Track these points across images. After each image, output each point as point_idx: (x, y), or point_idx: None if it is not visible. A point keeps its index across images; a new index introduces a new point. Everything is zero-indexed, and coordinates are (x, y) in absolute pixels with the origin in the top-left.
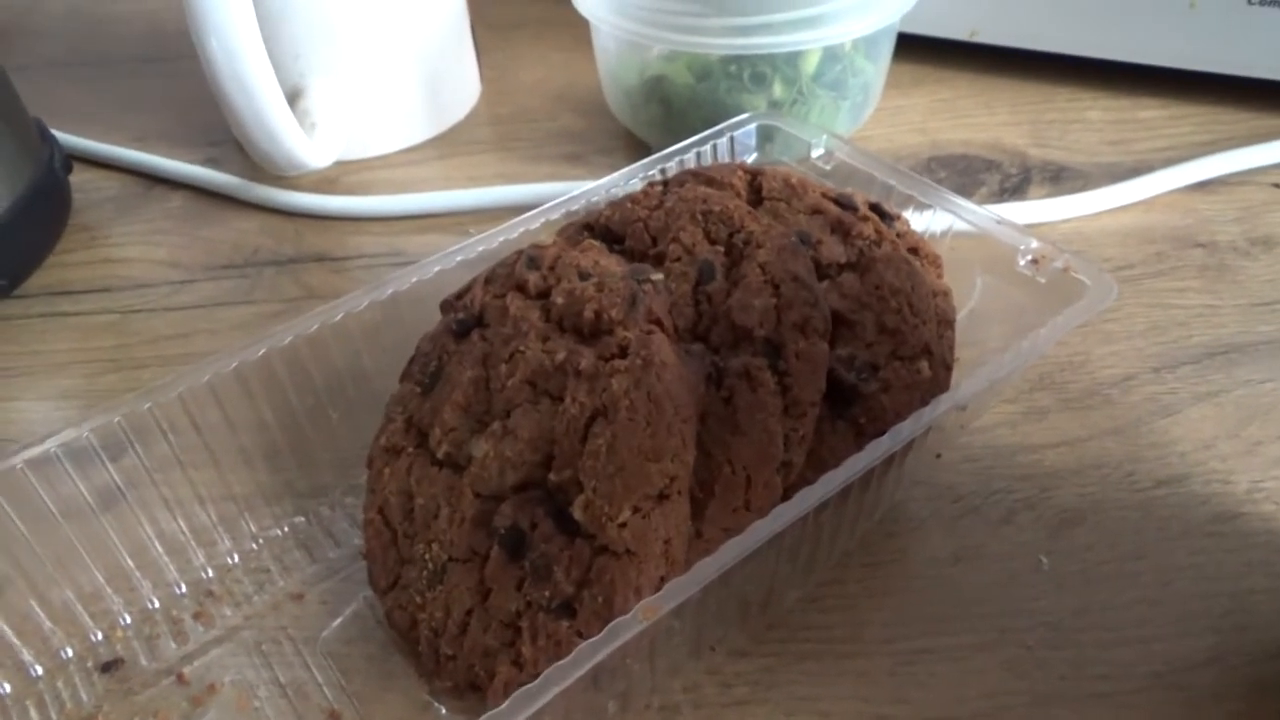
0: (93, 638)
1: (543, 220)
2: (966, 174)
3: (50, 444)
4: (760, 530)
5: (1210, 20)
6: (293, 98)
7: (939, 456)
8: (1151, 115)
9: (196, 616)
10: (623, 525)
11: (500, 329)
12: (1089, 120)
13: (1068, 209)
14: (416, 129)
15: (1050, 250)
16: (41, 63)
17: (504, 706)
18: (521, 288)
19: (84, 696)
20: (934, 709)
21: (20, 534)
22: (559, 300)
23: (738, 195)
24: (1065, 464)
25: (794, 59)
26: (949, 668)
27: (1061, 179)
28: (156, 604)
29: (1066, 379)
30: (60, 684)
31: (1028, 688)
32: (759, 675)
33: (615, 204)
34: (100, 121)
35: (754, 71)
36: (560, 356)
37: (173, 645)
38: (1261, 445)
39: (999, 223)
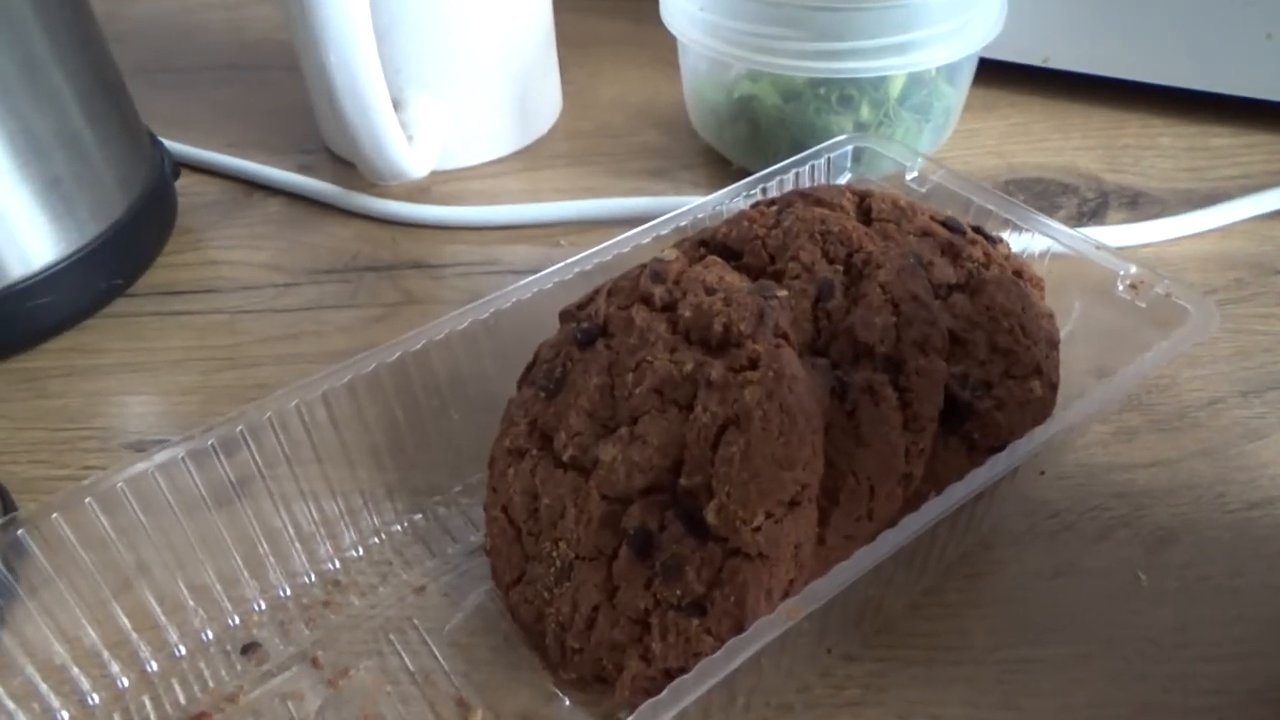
0: (231, 622)
1: (653, 236)
2: (1044, 197)
3: (208, 437)
4: (890, 539)
5: None
6: (393, 110)
7: (1043, 473)
8: (1223, 143)
9: (326, 604)
10: (756, 529)
11: (626, 339)
12: (1161, 146)
13: (1148, 234)
14: (503, 142)
15: (1150, 275)
16: (128, 69)
17: (664, 695)
18: (646, 300)
19: (225, 676)
20: (1042, 717)
21: (171, 519)
22: (686, 313)
23: (849, 216)
24: (1158, 484)
25: (881, 83)
26: (1054, 677)
27: (1138, 204)
28: (288, 591)
29: (1154, 401)
30: (202, 664)
31: (1130, 699)
32: (870, 679)
33: (731, 221)
34: (194, 128)
35: (842, 94)
36: (689, 367)
37: (305, 631)
38: None
39: (1098, 248)
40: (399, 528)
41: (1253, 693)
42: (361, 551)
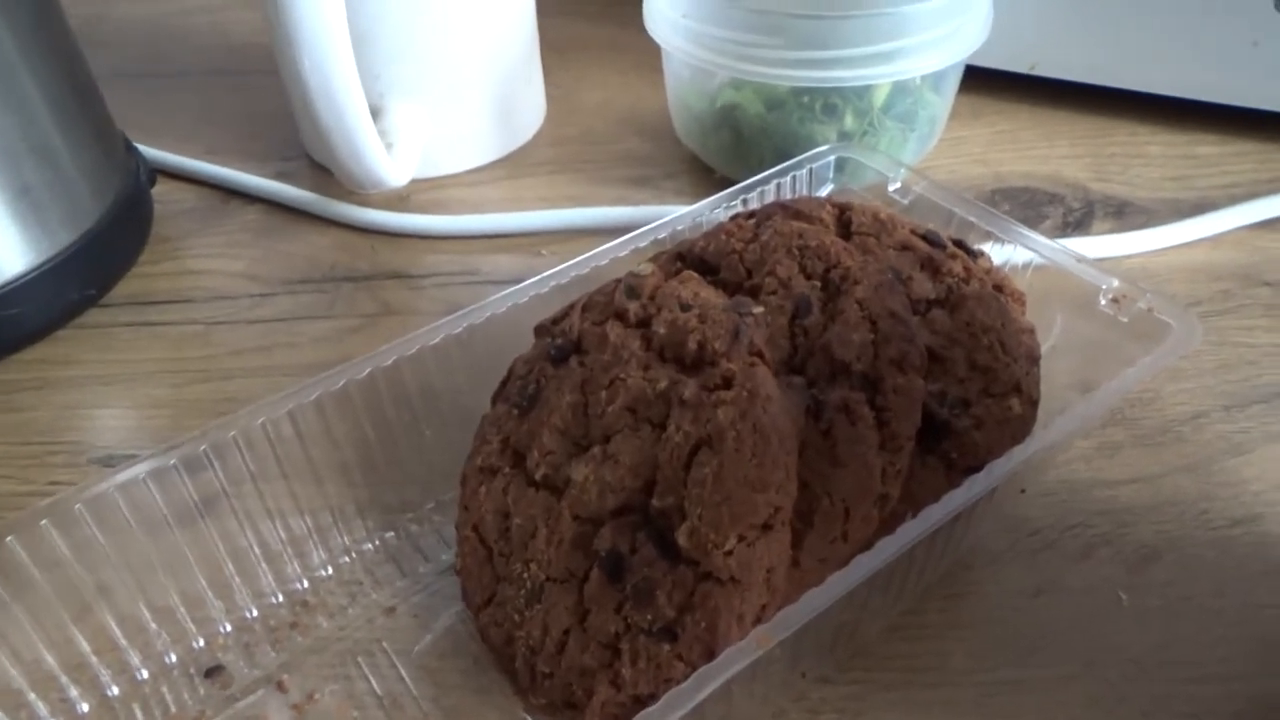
0: (195, 644)
1: (631, 248)
2: (1030, 206)
3: (170, 456)
4: (864, 563)
5: (1274, 58)
6: (372, 116)
7: (1023, 490)
8: (1211, 151)
9: (293, 626)
10: (728, 553)
11: (600, 356)
12: (1149, 155)
13: (1134, 244)
14: (486, 149)
15: (1133, 290)
16: (109, 73)
17: None
18: (621, 316)
19: (188, 701)
20: None
21: (133, 539)
22: (660, 330)
23: (828, 230)
24: (1140, 500)
25: (865, 91)
26: (1034, 699)
27: (1124, 214)
28: (255, 613)
29: (1138, 415)
30: (165, 688)
31: None
32: (845, 703)
33: (708, 235)
34: (173, 134)
35: (826, 103)
36: (662, 385)
37: (271, 653)
38: None
39: (1080, 261)
40: (370, 546)
41: (1236, 714)
42: (331, 571)
